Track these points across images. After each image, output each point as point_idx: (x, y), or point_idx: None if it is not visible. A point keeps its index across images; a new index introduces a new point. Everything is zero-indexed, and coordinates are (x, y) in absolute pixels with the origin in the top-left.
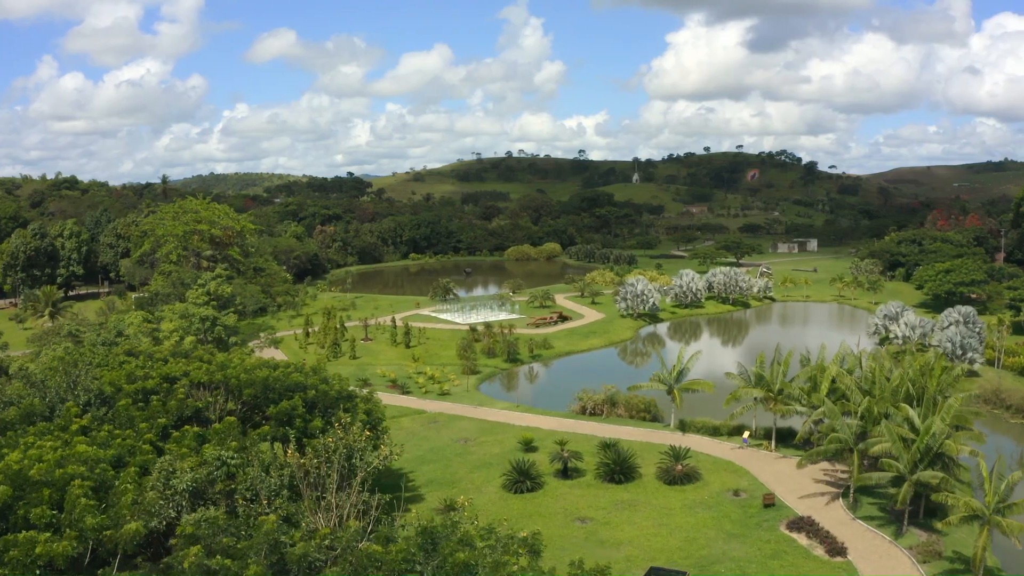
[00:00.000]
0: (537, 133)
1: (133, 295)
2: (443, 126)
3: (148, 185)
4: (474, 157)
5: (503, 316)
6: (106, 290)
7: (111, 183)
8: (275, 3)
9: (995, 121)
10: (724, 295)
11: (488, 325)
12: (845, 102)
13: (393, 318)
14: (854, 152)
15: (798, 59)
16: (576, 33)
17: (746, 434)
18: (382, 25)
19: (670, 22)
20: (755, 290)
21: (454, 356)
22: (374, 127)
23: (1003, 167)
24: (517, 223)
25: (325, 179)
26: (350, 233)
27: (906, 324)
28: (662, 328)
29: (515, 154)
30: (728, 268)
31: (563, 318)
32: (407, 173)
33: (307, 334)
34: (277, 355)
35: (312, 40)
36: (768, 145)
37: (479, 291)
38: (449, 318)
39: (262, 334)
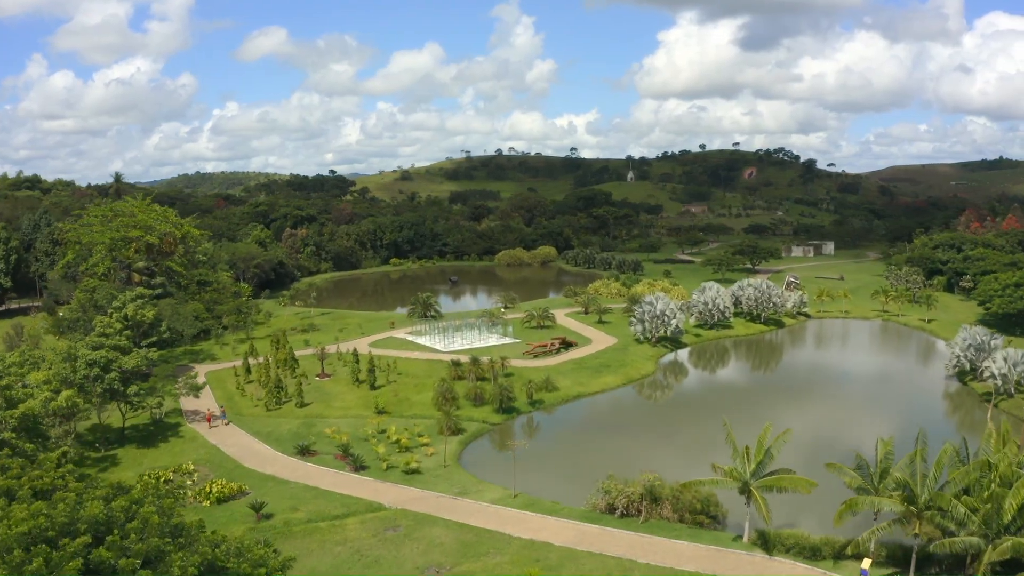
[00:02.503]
0: (528, 132)
1: (62, 312)
2: (434, 125)
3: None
4: (463, 155)
5: (493, 340)
6: (38, 304)
7: (80, 182)
8: (266, 1)
9: (986, 120)
10: (755, 312)
11: (475, 360)
12: (836, 100)
13: (355, 351)
14: (845, 151)
15: (790, 57)
16: (568, 31)
17: (867, 563)
18: (374, 23)
19: (662, 20)
20: (789, 305)
21: (430, 403)
22: (364, 126)
23: (998, 165)
24: (508, 224)
25: (306, 177)
26: (324, 236)
27: (1005, 360)
28: (687, 356)
29: (505, 152)
30: (760, 281)
31: (567, 344)
32: (394, 172)
33: (248, 369)
34: (203, 402)
35: (303, 38)
36: (759, 144)
37: (466, 301)
38: (428, 343)
39: (188, 370)
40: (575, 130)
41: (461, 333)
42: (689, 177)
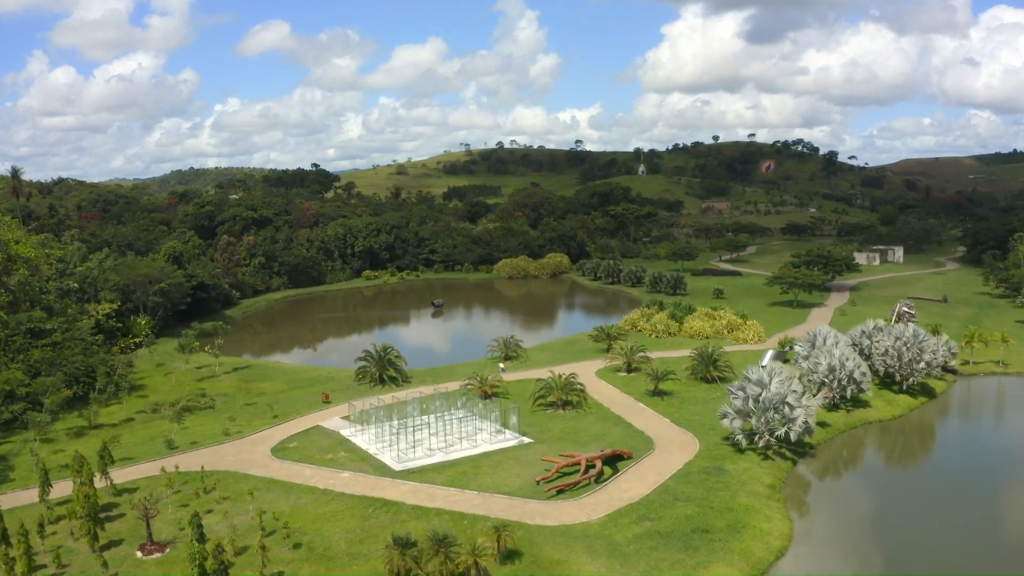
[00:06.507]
0: (530, 127)
1: None
2: (436, 120)
3: (61, 181)
4: (463, 148)
5: (485, 443)
6: None
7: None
8: None
9: (990, 113)
10: (899, 375)
11: (443, 542)
12: (841, 94)
13: (195, 517)
14: (848, 144)
15: (795, 50)
16: (571, 26)
17: None
18: (376, 18)
19: (666, 13)
20: (939, 359)
21: None
22: (366, 121)
23: (1012, 159)
24: (510, 226)
25: (285, 171)
26: (278, 244)
27: None
28: (824, 477)
29: (507, 146)
30: (901, 327)
31: (616, 459)
32: (389, 167)
33: (3, 535)
34: None
35: (305, 33)
36: (762, 138)
37: (453, 332)
38: (373, 449)
39: None
40: (578, 124)
41: (431, 423)
42: (703, 170)
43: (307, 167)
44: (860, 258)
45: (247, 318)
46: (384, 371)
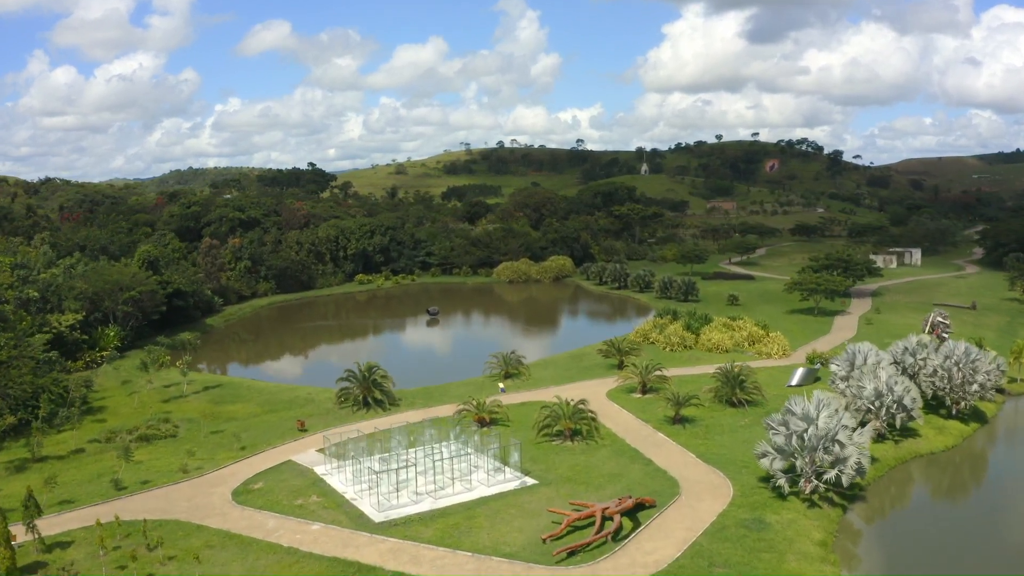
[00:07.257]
0: (531, 127)
1: None
2: (436, 119)
3: (47, 180)
4: (463, 147)
5: (480, 485)
6: None
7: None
8: None
9: (991, 113)
10: (949, 398)
11: None
12: (842, 93)
13: None
14: (849, 144)
15: (796, 50)
16: (572, 25)
17: None
18: (376, 17)
19: (667, 13)
20: (992, 379)
21: None
22: (367, 120)
23: (1015, 159)
24: (511, 227)
25: (280, 171)
26: (266, 246)
27: None
28: (878, 528)
29: (508, 146)
30: (951, 344)
31: (638, 508)
32: (388, 166)
33: None
34: None
35: (305, 33)
36: (764, 138)
37: (449, 341)
38: (350, 493)
39: None
40: (579, 124)
41: (419, 460)
42: (707, 170)
43: (305, 168)
44: (876, 260)
45: (230, 326)
46: (369, 393)
